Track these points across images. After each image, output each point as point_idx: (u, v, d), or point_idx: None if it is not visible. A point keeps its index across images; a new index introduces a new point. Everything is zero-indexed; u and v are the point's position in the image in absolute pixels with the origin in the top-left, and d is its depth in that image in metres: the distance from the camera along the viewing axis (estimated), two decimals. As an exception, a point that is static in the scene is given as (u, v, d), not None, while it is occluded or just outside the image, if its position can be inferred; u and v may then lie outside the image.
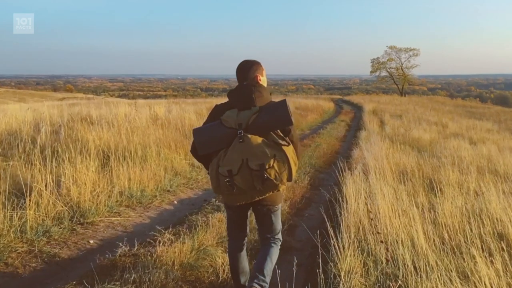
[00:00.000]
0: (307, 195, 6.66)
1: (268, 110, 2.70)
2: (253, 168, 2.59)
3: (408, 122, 17.40)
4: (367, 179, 6.06)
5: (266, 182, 2.61)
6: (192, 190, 6.84)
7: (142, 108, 12.99)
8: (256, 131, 2.66)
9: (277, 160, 2.62)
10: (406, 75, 63.98)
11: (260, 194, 2.73)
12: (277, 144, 2.66)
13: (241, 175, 2.61)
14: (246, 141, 2.62)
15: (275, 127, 2.71)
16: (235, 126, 2.68)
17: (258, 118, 2.67)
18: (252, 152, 2.60)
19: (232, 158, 2.62)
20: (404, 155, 8.65)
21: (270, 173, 2.60)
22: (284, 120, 2.67)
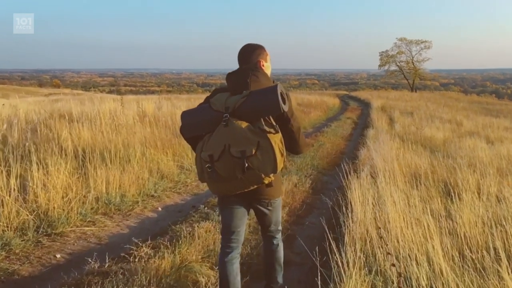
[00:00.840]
0: (308, 200, 6.49)
1: (257, 94, 2.66)
2: (234, 155, 2.56)
3: (420, 120, 17.31)
4: (375, 183, 5.86)
5: (248, 171, 2.56)
6: (180, 195, 6.66)
7: (129, 104, 12.84)
8: (242, 116, 2.63)
9: (260, 148, 2.56)
10: (417, 69, 63.91)
11: (244, 185, 2.67)
12: (262, 131, 2.60)
13: (223, 161, 2.59)
14: (230, 126, 2.60)
15: (262, 114, 2.64)
16: (222, 109, 2.67)
17: (245, 102, 2.64)
18: (235, 137, 2.58)
19: (215, 142, 2.62)
20: (416, 156, 8.50)
21: (252, 162, 2.56)
22: (272, 106, 2.60)
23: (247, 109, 2.63)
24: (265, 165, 2.59)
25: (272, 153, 2.58)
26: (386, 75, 70.36)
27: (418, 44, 63.92)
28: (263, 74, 2.83)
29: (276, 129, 2.66)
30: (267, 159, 2.58)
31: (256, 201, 2.94)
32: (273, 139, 2.60)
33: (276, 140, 2.62)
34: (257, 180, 2.64)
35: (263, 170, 2.59)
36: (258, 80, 2.77)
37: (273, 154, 2.58)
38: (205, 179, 2.72)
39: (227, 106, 2.66)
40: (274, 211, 3.03)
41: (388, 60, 65.76)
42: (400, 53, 64.99)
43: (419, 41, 63.78)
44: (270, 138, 2.59)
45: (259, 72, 2.81)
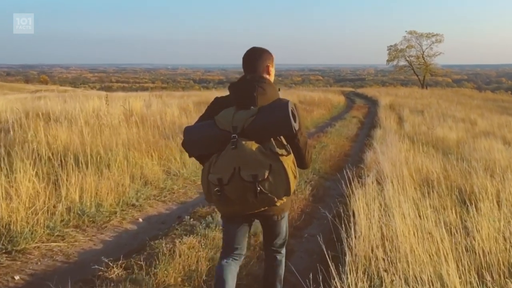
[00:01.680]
0: (307, 209, 6.32)
1: (267, 112, 2.68)
2: (245, 179, 2.60)
3: (431, 119, 17.35)
4: (382, 190, 5.69)
5: (260, 195, 2.62)
6: (165, 204, 6.45)
7: (116, 102, 12.62)
8: (252, 136, 2.66)
9: (273, 171, 2.62)
10: (428, 65, 63.57)
11: (254, 207, 2.74)
12: (274, 153, 2.64)
13: (232, 185, 2.63)
14: (239, 148, 2.62)
15: (273, 133, 2.69)
16: (229, 129, 2.68)
17: (255, 121, 2.66)
18: (245, 160, 2.61)
19: (224, 165, 2.64)
20: (427, 159, 8.36)
21: (264, 186, 2.61)
22: (284, 126, 2.65)
23: (257, 129, 2.65)
24: (278, 189, 2.64)
25: (285, 176, 2.63)
26: (395, 70, 70.07)
27: (429, 38, 63.49)
28: (269, 84, 2.83)
29: (288, 150, 2.71)
30: (280, 182, 2.63)
31: (263, 216, 2.96)
32: (286, 161, 2.65)
33: (289, 163, 2.67)
34: (270, 203, 2.70)
35: (276, 193, 2.65)
36: (265, 93, 2.76)
37: (286, 177, 2.63)
38: (212, 201, 2.78)
39: (235, 125, 2.67)
40: (282, 225, 3.07)
41: (397, 54, 65.28)
42: (410, 47, 64.45)
43: (430, 35, 63.35)
44: (283, 160, 2.63)
45: (265, 84, 2.80)
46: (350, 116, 21.41)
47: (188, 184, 7.41)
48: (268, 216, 2.95)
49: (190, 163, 8.04)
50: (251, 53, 2.97)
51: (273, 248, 3.17)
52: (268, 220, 3.01)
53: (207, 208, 5.85)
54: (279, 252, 3.20)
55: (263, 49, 3.02)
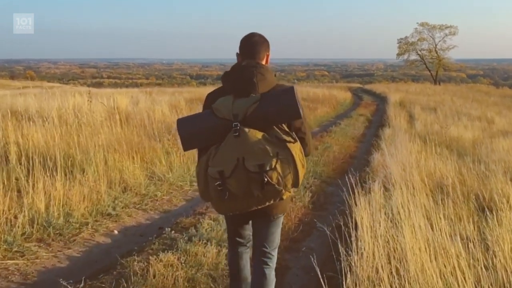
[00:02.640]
0: (306, 218, 6.16)
1: (271, 98, 2.69)
2: (251, 170, 2.59)
3: (444, 117, 17.38)
4: (389, 198, 5.58)
5: (267, 187, 2.60)
6: (146, 213, 6.24)
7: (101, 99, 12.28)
8: (255, 124, 2.65)
9: (280, 160, 2.61)
10: (441, 59, 63.64)
11: (259, 202, 2.71)
12: (280, 140, 2.65)
13: (236, 177, 2.60)
14: (242, 136, 2.61)
15: (279, 120, 2.70)
16: (229, 117, 2.67)
17: (258, 108, 2.66)
18: (250, 149, 2.60)
19: (225, 156, 2.63)
20: (441, 161, 8.22)
21: (271, 177, 2.59)
22: (291, 112, 2.66)
23: (261, 116, 2.66)
24: (286, 179, 2.63)
25: (294, 165, 2.64)
26: (406, 65, 70.23)
27: (442, 30, 63.50)
28: (267, 70, 2.84)
29: (293, 137, 2.72)
30: (288, 172, 2.63)
31: (258, 214, 2.93)
32: (293, 149, 2.66)
33: (296, 150, 2.67)
34: (276, 196, 2.68)
35: (284, 184, 2.64)
36: (265, 79, 2.77)
37: (295, 166, 2.64)
38: (210, 198, 2.75)
39: (236, 113, 2.67)
40: (274, 228, 3.08)
41: (408, 48, 65.31)
42: (422, 40, 64.49)
43: (443, 26, 63.32)
44: (291, 148, 2.64)
45: (263, 69, 2.81)
46: (356, 114, 21.40)
47: (174, 190, 7.23)
48: (266, 213, 2.95)
49: (177, 166, 7.88)
50: (253, 37, 2.99)
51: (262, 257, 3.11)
52: (265, 220, 3.02)
53: (191, 218, 5.70)
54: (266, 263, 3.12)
55: (264, 36, 3.04)
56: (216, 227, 5.10)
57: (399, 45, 65.95)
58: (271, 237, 3.10)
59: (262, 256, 3.11)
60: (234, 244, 3.23)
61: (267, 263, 3.12)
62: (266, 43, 3.02)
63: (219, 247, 4.59)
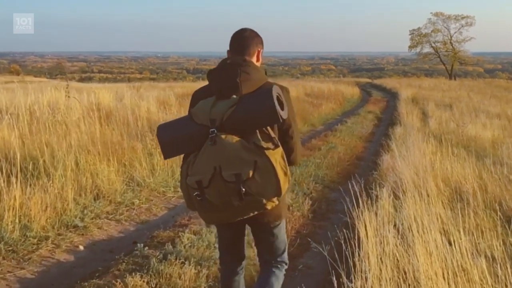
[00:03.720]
0: (305, 230, 5.97)
1: (249, 101, 2.69)
2: (227, 180, 2.60)
3: (461, 114, 17.27)
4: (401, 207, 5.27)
5: (246, 198, 2.61)
6: (119, 224, 6.00)
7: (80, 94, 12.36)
8: (234, 129, 2.66)
9: (258, 169, 2.61)
10: (457, 52, 63.74)
11: (242, 213, 2.73)
12: (258, 147, 2.63)
13: (214, 188, 2.63)
14: (218, 143, 2.63)
15: (257, 125, 2.69)
16: (206, 122, 2.69)
17: (235, 112, 2.67)
18: (226, 158, 2.62)
19: (202, 165, 2.65)
20: (458, 164, 7.99)
21: (250, 186, 2.60)
22: (269, 116, 2.65)
23: (238, 121, 2.66)
24: (266, 189, 2.63)
25: (274, 173, 2.62)
26: (418, 59, 70.44)
27: (457, 21, 63.51)
28: (254, 68, 2.84)
29: (275, 142, 2.69)
30: (268, 182, 2.62)
31: (255, 223, 3.00)
32: (273, 156, 2.63)
33: (277, 158, 2.65)
34: (258, 207, 2.69)
35: (264, 194, 2.64)
36: (250, 78, 2.77)
37: (275, 175, 2.62)
38: (195, 208, 2.77)
39: (213, 118, 2.68)
40: (277, 234, 3.08)
41: (421, 40, 65.40)
42: (436, 32, 64.43)
43: (458, 17, 63.35)
44: (269, 155, 2.62)
45: (249, 67, 2.80)
46: (365, 111, 21.51)
47: (155, 197, 7.00)
48: (260, 223, 2.98)
49: (159, 170, 7.65)
50: (243, 32, 3.01)
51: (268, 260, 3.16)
52: (261, 228, 3.04)
53: (170, 232, 5.43)
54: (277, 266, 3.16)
55: (256, 32, 3.07)
56: (197, 242, 4.84)
57: (411, 37, 66.10)
58: (271, 246, 3.12)
59: (268, 264, 3.16)
60: (226, 261, 3.22)
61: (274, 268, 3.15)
62: (257, 39, 3.04)
63: (199, 266, 4.33)
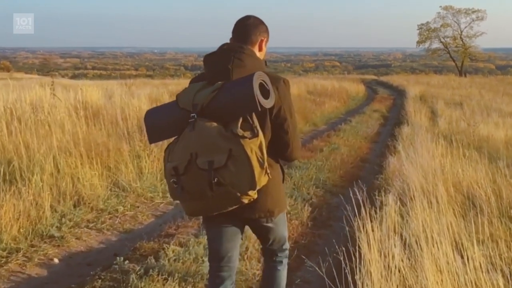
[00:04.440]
0: (303, 240, 5.80)
1: (230, 87, 2.71)
2: (201, 167, 2.63)
3: (472, 113, 17.23)
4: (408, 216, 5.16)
5: (217, 188, 2.62)
6: (101, 234, 5.80)
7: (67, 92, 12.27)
8: (214, 115, 2.69)
9: (233, 157, 2.62)
10: (467, 47, 63.83)
11: (219, 205, 2.73)
12: (234, 135, 2.64)
13: (189, 175, 2.66)
14: (197, 129, 2.66)
15: (237, 113, 2.70)
16: (189, 107, 2.72)
17: (216, 97, 2.70)
18: (202, 144, 2.65)
19: (180, 151, 2.69)
20: (470, 166, 7.86)
21: (222, 176, 2.61)
22: (247, 103, 2.64)
23: (218, 107, 2.69)
24: (240, 180, 2.63)
25: (248, 164, 2.61)
26: (427, 55, 70.74)
27: (468, 15, 63.50)
28: (250, 55, 2.86)
29: (254, 132, 2.68)
30: (243, 172, 2.62)
31: (250, 220, 2.99)
32: (249, 145, 2.62)
33: (252, 147, 2.63)
34: (233, 200, 2.68)
35: (238, 187, 2.63)
36: (243, 65, 2.80)
37: (250, 166, 2.61)
38: (174, 197, 2.82)
39: (195, 103, 2.71)
40: (276, 227, 3.10)
41: (429, 35, 65.39)
42: (445, 26, 64.43)
43: (469, 10, 63.38)
44: (245, 144, 2.62)
45: (244, 54, 2.83)
46: (370, 109, 21.52)
47: (142, 203, 6.82)
48: (252, 218, 2.97)
49: (148, 173, 7.44)
50: (247, 20, 3.01)
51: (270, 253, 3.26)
52: (256, 225, 3.05)
53: (154, 243, 5.23)
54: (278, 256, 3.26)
55: (261, 19, 3.06)
56: (184, 255, 4.62)
57: (420, 31, 66.09)
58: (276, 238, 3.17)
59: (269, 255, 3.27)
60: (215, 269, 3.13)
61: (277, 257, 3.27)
62: (261, 27, 3.02)
63: (184, 283, 4.17)
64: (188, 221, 5.85)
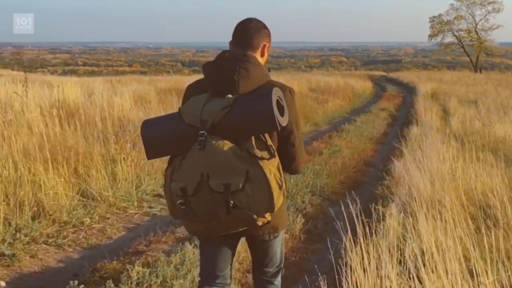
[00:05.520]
0: (294, 256, 5.63)
1: (245, 104, 2.71)
2: (215, 190, 2.62)
3: (487, 112, 16.90)
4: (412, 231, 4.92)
5: (234, 211, 2.63)
6: (61, 251, 5.53)
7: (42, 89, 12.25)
8: (225, 133, 2.68)
9: (250, 180, 2.62)
10: (483, 41, 63.81)
11: (230, 227, 2.76)
12: (251, 155, 2.65)
13: (200, 197, 2.65)
14: (208, 148, 2.65)
15: (252, 131, 2.71)
16: (196, 123, 2.71)
17: (229, 114, 2.69)
18: (215, 165, 2.64)
19: (188, 171, 2.67)
20: (484, 171, 7.66)
21: (239, 199, 2.61)
22: (266, 122, 2.67)
23: (232, 125, 2.68)
24: (258, 203, 2.65)
25: (267, 186, 2.64)
26: (439, 49, 71.02)
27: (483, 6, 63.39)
28: (255, 64, 2.86)
29: (271, 151, 2.73)
30: (261, 195, 2.65)
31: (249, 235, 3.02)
32: (267, 167, 2.66)
33: (271, 169, 2.68)
34: (248, 222, 2.72)
35: (255, 209, 2.66)
36: (248, 76, 2.79)
37: (268, 188, 2.64)
38: (178, 216, 2.82)
39: (204, 119, 2.70)
40: (275, 246, 3.13)
41: (442, 28, 65.25)
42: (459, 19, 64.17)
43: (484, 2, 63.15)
44: (263, 166, 2.64)
45: (249, 63, 2.82)
46: (377, 108, 21.72)
47: (113, 214, 6.56)
48: (255, 235, 3.00)
49: (122, 180, 7.16)
50: (248, 23, 3.03)
51: (264, 277, 3.23)
52: (256, 240, 3.08)
53: (118, 262, 4.95)
54: (271, 283, 3.25)
55: (263, 23, 3.09)
56: (149, 277, 4.35)
57: (432, 24, 65.93)
58: (270, 261, 3.16)
59: (262, 280, 3.23)
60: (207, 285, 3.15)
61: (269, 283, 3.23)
62: (264, 31, 3.04)
63: None
64: (161, 235, 5.62)
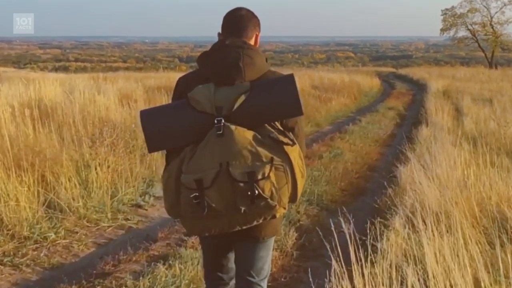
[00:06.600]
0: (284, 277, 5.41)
1: (266, 88, 2.80)
2: (237, 179, 2.65)
3: (503, 111, 16.77)
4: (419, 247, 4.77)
5: (257, 201, 2.66)
6: (17, 272, 5.25)
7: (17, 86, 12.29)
8: (243, 120, 2.73)
9: (275, 167, 2.68)
10: (498, 35, 63.82)
11: (245, 221, 2.78)
12: (276, 142, 2.73)
13: (218, 188, 2.68)
14: (227, 135, 2.69)
15: (274, 117, 2.80)
16: (211, 110, 2.74)
17: (249, 100, 2.75)
18: (237, 153, 2.67)
19: (205, 160, 2.70)
20: (499, 178, 7.38)
21: (263, 188, 2.65)
22: (291, 107, 2.78)
23: (251, 111, 2.74)
24: (282, 192, 2.70)
25: (292, 174, 2.71)
26: (452, 44, 71.68)
27: (498, -2, 62.77)
28: (257, 52, 2.94)
29: (291, 138, 2.80)
30: (285, 183, 2.70)
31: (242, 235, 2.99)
32: (292, 153, 2.73)
33: (295, 156, 2.75)
34: (268, 213, 2.74)
35: (279, 199, 2.70)
36: (253, 63, 2.86)
37: (293, 176, 2.71)
38: (179, 214, 2.82)
39: (219, 105, 2.74)
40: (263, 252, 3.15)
41: (455, 22, 65.34)
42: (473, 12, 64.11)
43: (500, -7, 62.67)
44: (289, 152, 2.72)
45: (251, 50, 2.89)
46: (385, 107, 21.78)
47: (82, 227, 6.28)
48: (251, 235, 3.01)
49: (95, 188, 6.88)
50: (239, 11, 3.09)
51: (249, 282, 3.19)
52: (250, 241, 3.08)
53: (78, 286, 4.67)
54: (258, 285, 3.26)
55: (252, 12, 3.15)
56: None
57: (444, 18, 66.13)
58: (258, 263, 3.17)
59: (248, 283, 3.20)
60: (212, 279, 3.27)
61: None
62: (255, 20, 3.11)
63: None
64: (133, 253, 5.37)
